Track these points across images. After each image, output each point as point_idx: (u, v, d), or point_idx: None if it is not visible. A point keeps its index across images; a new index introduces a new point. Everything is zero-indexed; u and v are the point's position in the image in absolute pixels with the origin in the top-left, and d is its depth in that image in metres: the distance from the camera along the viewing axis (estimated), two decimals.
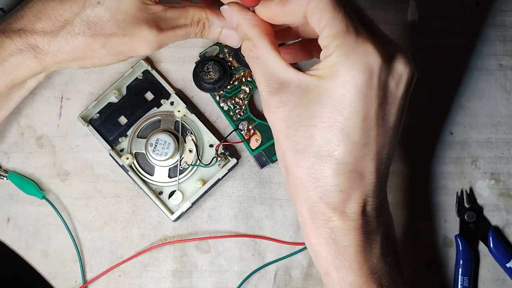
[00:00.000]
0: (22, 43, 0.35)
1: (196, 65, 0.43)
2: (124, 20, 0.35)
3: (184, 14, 0.36)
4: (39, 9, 0.35)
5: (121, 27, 0.35)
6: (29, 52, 0.35)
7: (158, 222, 0.43)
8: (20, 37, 0.35)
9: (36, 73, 0.37)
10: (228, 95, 0.44)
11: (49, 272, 0.42)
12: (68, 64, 0.37)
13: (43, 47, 0.35)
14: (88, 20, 0.34)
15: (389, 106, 0.28)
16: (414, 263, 0.43)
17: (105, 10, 0.34)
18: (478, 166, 0.44)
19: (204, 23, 0.37)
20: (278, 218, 0.43)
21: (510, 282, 0.42)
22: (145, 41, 0.35)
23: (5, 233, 0.43)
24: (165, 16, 0.36)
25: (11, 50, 0.35)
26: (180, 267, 0.43)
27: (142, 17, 0.35)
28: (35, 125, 0.44)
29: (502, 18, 0.46)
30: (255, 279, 0.43)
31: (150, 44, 0.36)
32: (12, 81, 0.36)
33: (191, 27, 0.37)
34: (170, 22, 0.36)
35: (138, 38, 0.35)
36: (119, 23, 0.35)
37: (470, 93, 0.45)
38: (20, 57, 0.35)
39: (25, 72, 0.36)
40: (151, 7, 0.35)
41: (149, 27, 0.35)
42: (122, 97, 0.44)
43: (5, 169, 0.43)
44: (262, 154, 0.43)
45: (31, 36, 0.35)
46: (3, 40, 0.35)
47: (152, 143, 0.42)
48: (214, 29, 0.37)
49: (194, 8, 0.37)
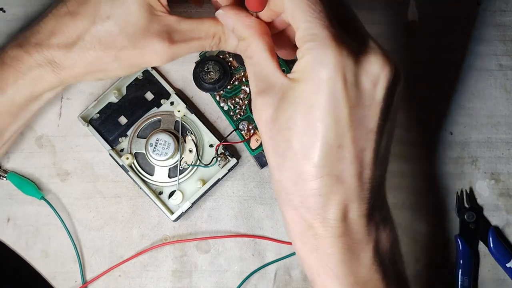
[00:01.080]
0: (40, 58, 0.35)
1: (196, 65, 0.43)
2: (134, 33, 0.35)
3: (200, 27, 0.36)
4: (53, 25, 0.35)
5: (132, 40, 0.35)
6: (47, 67, 0.35)
7: (158, 222, 0.43)
8: (38, 52, 0.35)
9: (54, 86, 0.37)
10: (228, 95, 0.44)
11: (49, 272, 0.42)
12: (84, 77, 0.37)
13: (60, 62, 0.35)
14: (99, 35, 0.35)
15: (366, 108, 0.27)
16: (414, 263, 0.43)
17: (114, 25, 0.34)
18: (478, 166, 0.44)
19: (220, 36, 0.36)
20: (278, 218, 0.43)
21: (510, 282, 0.42)
22: (156, 53, 0.35)
23: (5, 233, 0.43)
24: (179, 28, 0.35)
25: (30, 64, 0.35)
26: (180, 267, 0.43)
27: (153, 30, 0.35)
28: (35, 125, 0.44)
29: (502, 18, 0.46)
30: (255, 279, 0.43)
31: (161, 56, 0.35)
32: (31, 94, 0.37)
33: (206, 41, 0.36)
34: (184, 34, 0.36)
35: (149, 51, 0.35)
36: (130, 37, 0.35)
37: (470, 93, 0.45)
38: (39, 72, 0.35)
39: (44, 86, 0.36)
40: (163, 18, 0.35)
41: (161, 39, 0.35)
42: (122, 97, 0.44)
43: (5, 169, 0.43)
44: (262, 154, 0.43)
45: (47, 51, 0.35)
46: (22, 55, 0.35)
47: (152, 143, 0.42)
48: (230, 42, 0.37)
49: (210, 21, 0.36)
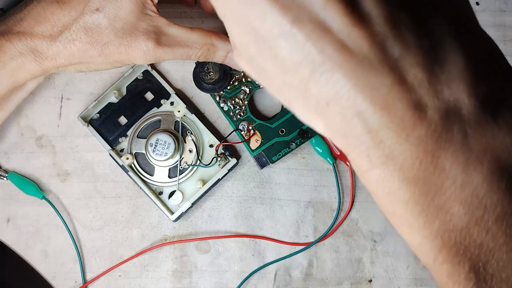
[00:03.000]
0: (22, 47, 0.35)
1: (196, 65, 0.43)
2: (122, 28, 0.34)
3: (189, 36, 0.36)
4: (39, 12, 0.35)
5: (119, 35, 0.34)
6: (29, 56, 0.35)
7: (158, 222, 0.43)
8: (20, 40, 0.34)
9: (36, 75, 0.37)
10: (228, 95, 0.44)
11: (49, 272, 0.42)
12: (66, 68, 0.37)
13: (42, 51, 0.35)
14: (86, 27, 0.34)
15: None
16: (414, 263, 0.43)
17: (103, 17, 0.34)
18: None
19: (209, 48, 0.36)
20: (278, 218, 0.43)
21: None
22: (141, 52, 0.35)
23: (5, 233, 0.43)
24: (167, 32, 0.35)
25: (11, 53, 0.35)
26: (180, 267, 0.43)
27: (141, 27, 0.35)
28: (35, 125, 0.44)
29: (502, 18, 0.46)
30: (255, 279, 0.43)
31: (145, 56, 0.35)
32: (13, 83, 0.36)
33: (193, 50, 0.36)
34: (172, 39, 0.36)
35: (134, 49, 0.35)
36: (117, 32, 0.34)
37: None
38: (21, 60, 0.35)
39: (26, 75, 0.36)
40: (153, 19, 0.35)
41: (147, 39, 0.35)
42: (122, 97, 0.44)
43: (5, 169, 0.43)
44: (262, 155, 0.43)
45: (31, 40, 0.34)
46: (3, 44, 0.35)
47: (152, 143, 0.42)
48: (219, 53, 0.37)
49: (200, 32, 0.36)
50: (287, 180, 0.44)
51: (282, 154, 0.43)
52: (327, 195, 0.44)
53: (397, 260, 0.43)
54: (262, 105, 0.45)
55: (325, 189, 0.44)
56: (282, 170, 0.44)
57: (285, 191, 0.44)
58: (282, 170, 0.44)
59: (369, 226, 0.43)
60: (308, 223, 0.43)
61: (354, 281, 0.43)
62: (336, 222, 0.43)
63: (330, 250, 0.43)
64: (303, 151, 0.44)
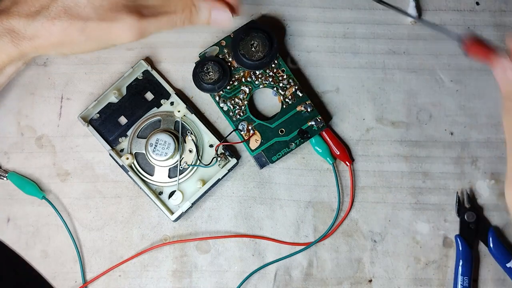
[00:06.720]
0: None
1: (196, 65, 0.43)
2: (101, 5, 0.34)
3: (169, 2, 0.36)
4: None
5: (99, 12, 0.34)
6: (5, 37, 0.34)
7: (158, 222, 0.43)
8: None
9: (14, 58, 0.36)
10: (228, 95, 0.44)
11: (49, 272, 0.42)
12: (46, 50, 0.36)
13: (19, 31, 0.34)
14: (65, 5, 0.34)
15: None
16: (414, 263, 0.43)
17: None
18: (478, 166, 0.44)
19: (191, 9, 0.36)
20: (278, 218, 0.43)
21: (510, 282, 0.42)
22: (125, 27, 0.34)
23: (5, 233, 0.43)
24: (147, 3, 0.35)
25: None
26: (180, 267, 0.43)
27: (121, 3, 0.34)
28: (35, 125, 0.44)
29: (502, 18, 0.46)
30: (255, 279, 0.43)
31: (130, 31, 0.35)
32: None
33: (176, 15, 0.36)
34: (153, 9, 0.35)
35: (117, 24, 0.34)
36: (97, 8, 0.34)
37: (470, 93, 0.45)
38: None
39: (2, 57, 0.35)
40: None
41: (128, 13, 0.34)
42: (122, 97, 0.44)
43: (5, 169, 0.43)
44: (261, 155, 0.43)
45: (7, 20, 0.34)
46: None
47: (152, 143, 0.42)
48: (202, 13, 0.36)
49: None
50: (287, 180, 0.44)
51: (282, 154, 0.43)
52: (327, 195, 0.44)
53: (397, 260, 0.43)
54: (261, 105, 0.45)
55: (325, 189, 0.44)
56: (282, 170, 0.44)
57: (285, 191, 0.44)
58: (282, 170, 0.44)
59: (369, 226, 0.43)
60: (308, 223, 0.43)
61: (354, 281, 0.43)
62: (336, 222, 0.43)
63: (330, 250, 0.43)
64: (303, 151, 0.44)
